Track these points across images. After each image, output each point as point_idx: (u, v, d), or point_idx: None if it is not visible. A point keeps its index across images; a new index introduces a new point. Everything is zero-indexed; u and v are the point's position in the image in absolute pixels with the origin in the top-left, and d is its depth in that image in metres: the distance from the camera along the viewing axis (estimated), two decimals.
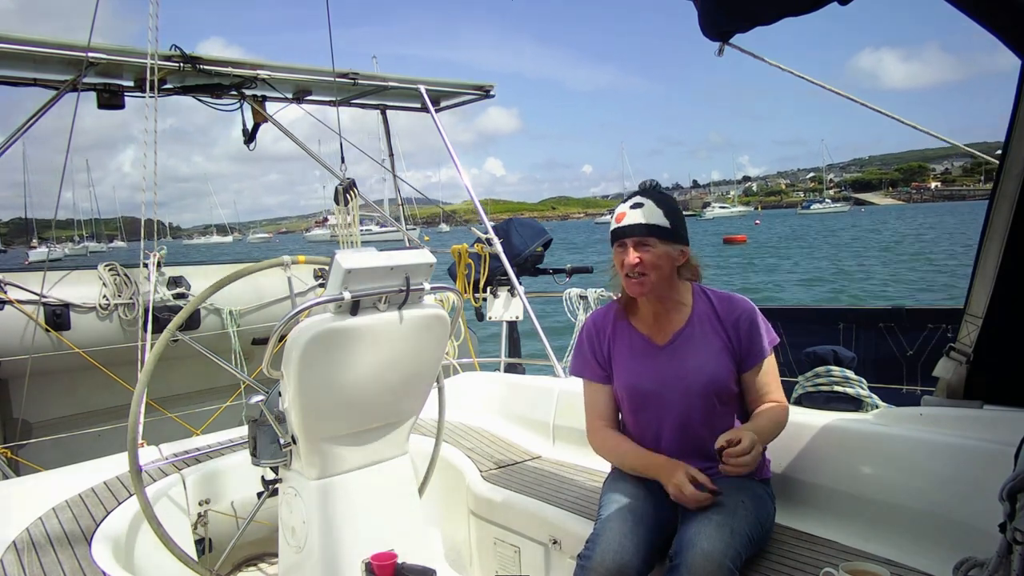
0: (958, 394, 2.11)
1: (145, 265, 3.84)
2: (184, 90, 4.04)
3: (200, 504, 2.53)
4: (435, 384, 2.38)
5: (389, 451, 2.19)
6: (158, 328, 3.38)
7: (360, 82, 4.25)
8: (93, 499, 2.35)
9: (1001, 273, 1.92)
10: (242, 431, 2.71)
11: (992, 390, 2.06)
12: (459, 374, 3.69)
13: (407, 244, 4.73)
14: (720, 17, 2.30)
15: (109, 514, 2.23)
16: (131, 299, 4.10)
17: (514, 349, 4.98)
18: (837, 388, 2.91)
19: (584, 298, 4.38)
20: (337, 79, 4.02)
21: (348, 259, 1.88)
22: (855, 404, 2.84)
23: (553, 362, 3.63)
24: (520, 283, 4.45)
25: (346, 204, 4.07)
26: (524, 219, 5.46)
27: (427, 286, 2.04)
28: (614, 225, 1.98)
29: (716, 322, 2.01)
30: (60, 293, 3.94)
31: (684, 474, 1.83)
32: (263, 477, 2.18)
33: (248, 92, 4.14)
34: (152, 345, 3.20)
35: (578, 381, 2.20)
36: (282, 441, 2.01)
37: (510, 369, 4.53)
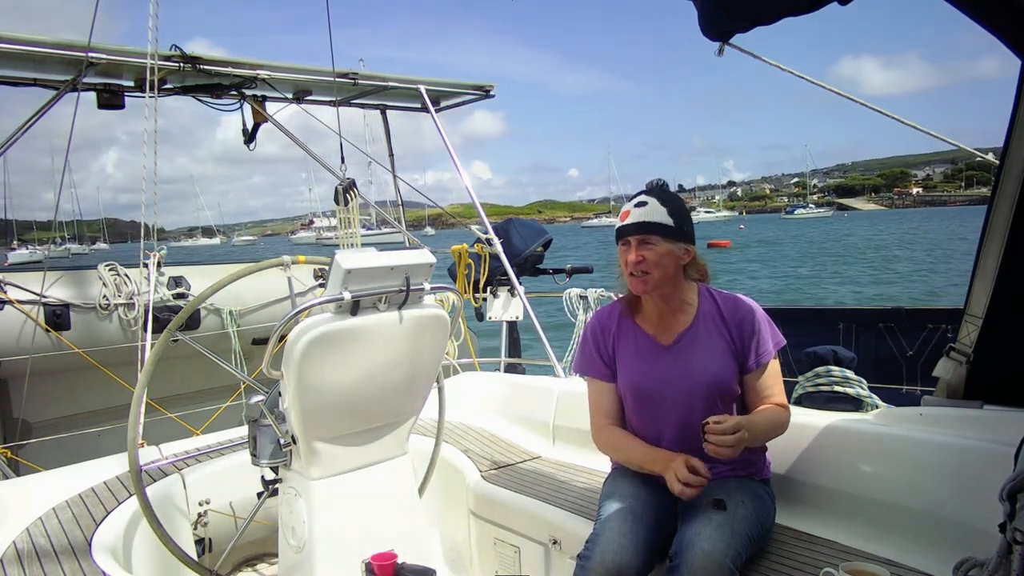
0: (958, 394, 2.11)
1: (145, 265, 3.84)
2: (184, 90, 4.04)
3: (200, 504, 2.53)
4: (435, 384, 2.38)
5: (389, 451, 2.19)
6: (158, 328, 3.39)
7: (360, 82, 4.26)
8: (93, 499, 2.35)
9: (1001, 273, 1.92)
10: (242, 431, 2.70)
11: (992, 390, 2.06)
12: (459, 374, 3.69)
13: (407, 244, 4.73)
14: (720, 17, 2.30)
15: (109, 514, 2.23)
16: (131, 299, 4.10)
17: (514, 349, 4.98)
18: (837, 388, 2.91)
19: (584, 298, 4.39)
20: (337, 79, 4.02)
21: (348, 259, 1.88)
22: (855, 404, 2.84)
23: (553, 362, 3.63)
24: (520, 283, 4.45)
25: (346, 204, 4.07)
26: (524, 219, 5.46)
27: (427, 286, 2.04)
28: (618, 223, 2.00)
29: (721, 323, 2.01)
30: (60, 293, 3.94)
31: (681, 462, 1.81)
32: (263, 477, 2.18)
33: (248, 92, 4.14)
34: (152, 345, 3.20)
35: (579, 381, 2.20)
36: (282, 441, 2.01)
37: (510, 369, 4.53)
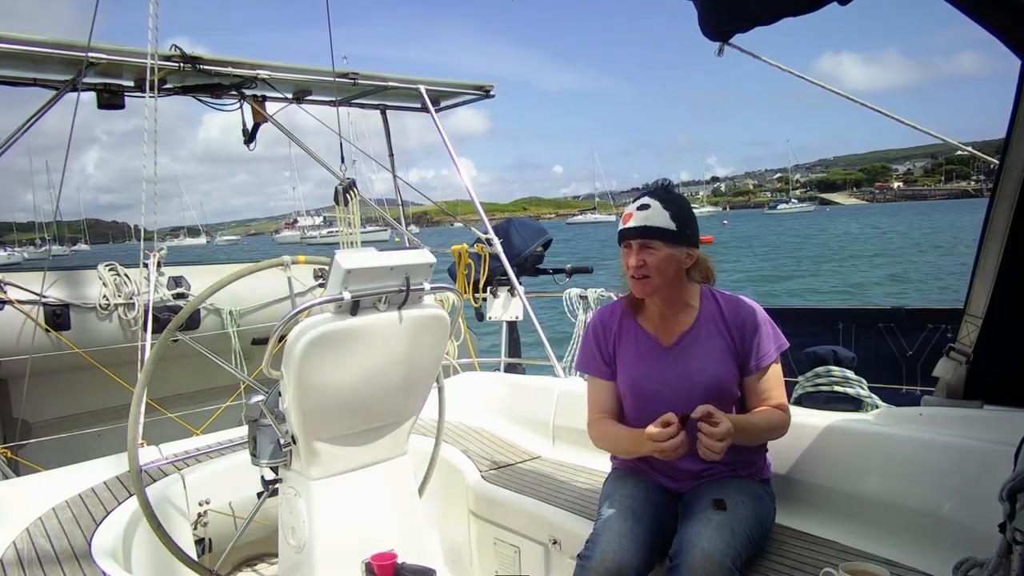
0: (958, 394, 2.11)
1: (145, 265, 3.84)
2: (184, 90, 4.04)
3: (200, 504, 2.53)
4: (435, 384, 2.38)
5: (389, 451, 2.19)
6: (158, 328, 3.38)
7: (360, 82, 4.26)
8: (93, 499, 2.35)
9: (1001, 273, 1.92)
10: (242, 431, 2.70)
11: (992, 390, 2.06)
12: (459, 374, 3.68)
13: (407, 244, 4.73)
14: (720, 17, 2.30)
15: (109, 514, 2.23)
16: (131, 299, 4.10)
17: (514, 349, 4.98)
18: (837, 388, 2.91)
19: (584, 298, 4.39)
20: (337, 79, 4.02)
21: (348, 259, 1.87)
22: (855, 404, 2.84)
23: (553, 362, 3.63)
24: (520, 283, 4.45)
25: (346, 204, 4.07)
26: (524, 219, 5.46)
27: (427, 286, 2.04)
28: (621, 226, 1.99)
29: (722, 324, 2.01)
30: (60, 293, 3.94)
31: (652, 431, 1.79)
32: (263, 477, 2.18)
33: (248, 92, 4.14)
34: (152, 345, 3.20)
35: (578, 381, 2.20)
36: (282, 441, 2.01)
37: (510, 369, 4.53)
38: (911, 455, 1.99)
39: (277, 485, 2.14)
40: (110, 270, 4.15)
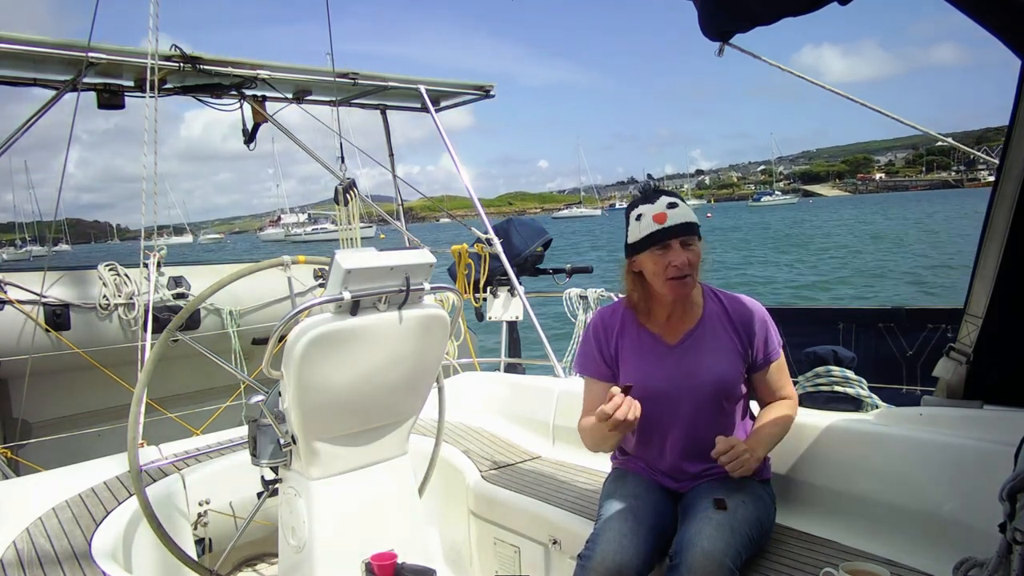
0: (958, 394, 2.11)
1: (145, 265, 3.84)
2: (184, 90, 4.05)
3: (200, 504, 2.53)
4: (435, 384, 2.38)
5: (389, 451, 2.19)
6: (158, 328, 3.39)
7: (360, 82, 4.26)
8: (93, 499, 2.35)
9: (1001, 273, 1.92)
10: (242, 431, 2.70)
11: (992, 390, 2.06)
12: (459, 374, 3.69)
13: (407, 244, 4.73)
14: (720, 17, 2.30)
15: (109, 514, 2.23)
16: (131, 299, 4.10)
17: (514, 349, 4.99)
18: (837, 388, 2.90)
19: (584, 298, 4.39)
20: (337, 79, 4.02)
21: (348, 259, 1.87)
22: (855, 404, 2.83)
23: (553, 362, 3.63)
24: (520, 283, 4.45)
25: (346, 204, 4.08)
26: (524, 219, 5.46)
27: (427, 286, 2.04)
28: (655, 227, 1.89)
29: (727, 323, 2.01)
30: (60, 293, 3.94)
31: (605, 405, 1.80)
32: (263, 477, 2.18)
33: (248, 92, 4.14)
34: (152, 345, 3.20)
35: (579, 381, 2.20)
36: (282, 441, 2.01)
37: (510, 369, 4.53)
38: (911, 455, 1.99)
39: (277, 485, 2.14)
40: (110, 270, 4.15)
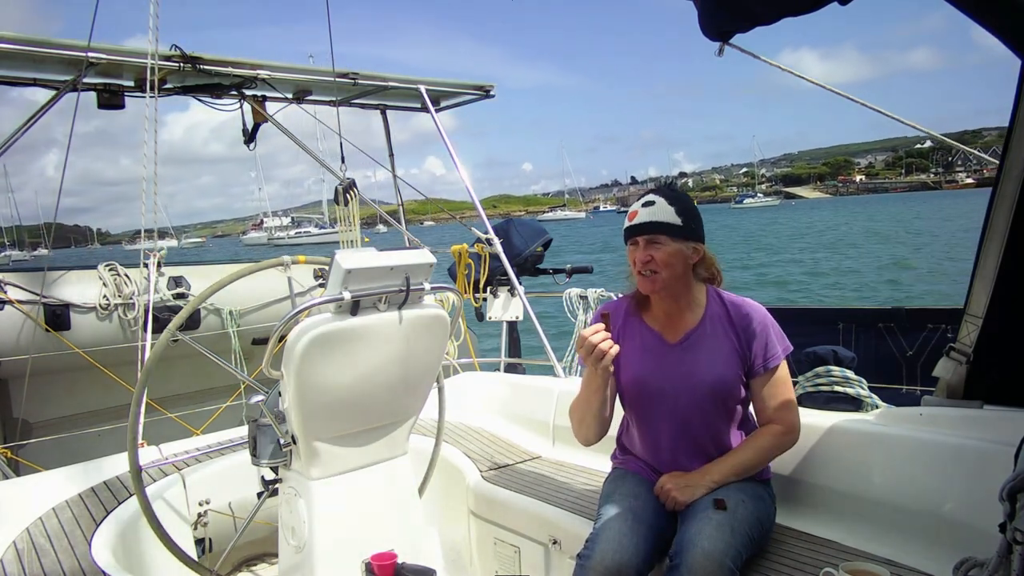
0: (958, 394, 2.11)
1: (145, 265, 3.84)
2: (184, 90, 4.05)
3: (200, 504, 2.53)
4: (435, 384, 2.38)
5: (389, 451, 2.19)
6: (158, 328, 3.38)
7: (360, 82, 4.26)
8: (93, 499, 2.35)
9: (1001, 273, 1.92)
10: (242, 431, 2.71)
11: (992, 390, 2.06)
12: (459, 374, 3.69)
13: (407, 244, 4.73)
14: (721, 17, 2.30)
15: (109, 514, 2.23)
16: (131, 299, 4.10)
17: (514, 349, 4.99)
18: (837, 388, 2.90)
19: (584, 298, 4.39)
20: (337, 79, 4.02)
21: (348, 259, 1.87)
22: (855, 404, 2.83)
23: (553, 362, 3.63)
24: (520, 283, 4.45)
25: (346, 204, 4.07)
26: (524, 219, 5.47)
27: (427, 286, 2.04)
28: (627, 224, 2.01)
29: (728, 325, 2.01)
30: (60, 293, 3.94)
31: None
32: (263, 477, 2.18)
33: (248, 92, 4.14)
34: (152, 345, 3.20)
35: (579, 381, 2.20)
36: (282, 441, 2.01)
37: (510, 369, 4.53)
38: (911, 455, 1.99)
39: (277, 485, 2.14)
40: (110, 270, 4.15)
